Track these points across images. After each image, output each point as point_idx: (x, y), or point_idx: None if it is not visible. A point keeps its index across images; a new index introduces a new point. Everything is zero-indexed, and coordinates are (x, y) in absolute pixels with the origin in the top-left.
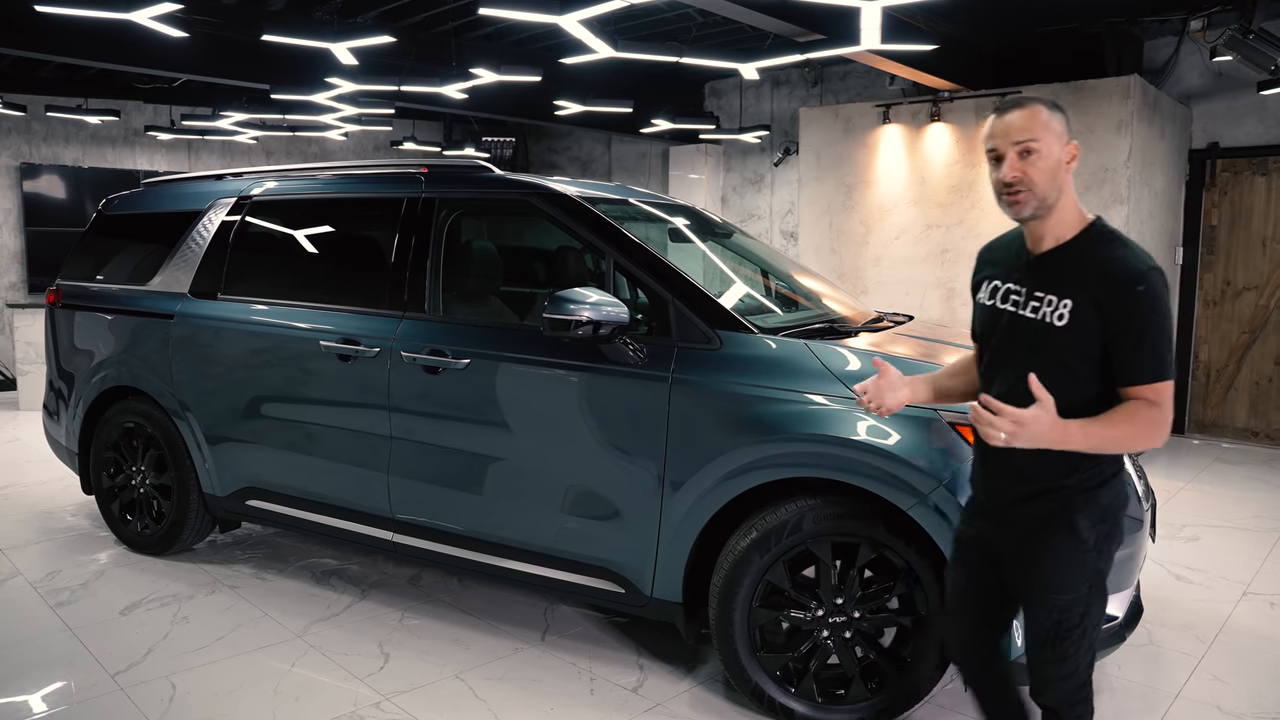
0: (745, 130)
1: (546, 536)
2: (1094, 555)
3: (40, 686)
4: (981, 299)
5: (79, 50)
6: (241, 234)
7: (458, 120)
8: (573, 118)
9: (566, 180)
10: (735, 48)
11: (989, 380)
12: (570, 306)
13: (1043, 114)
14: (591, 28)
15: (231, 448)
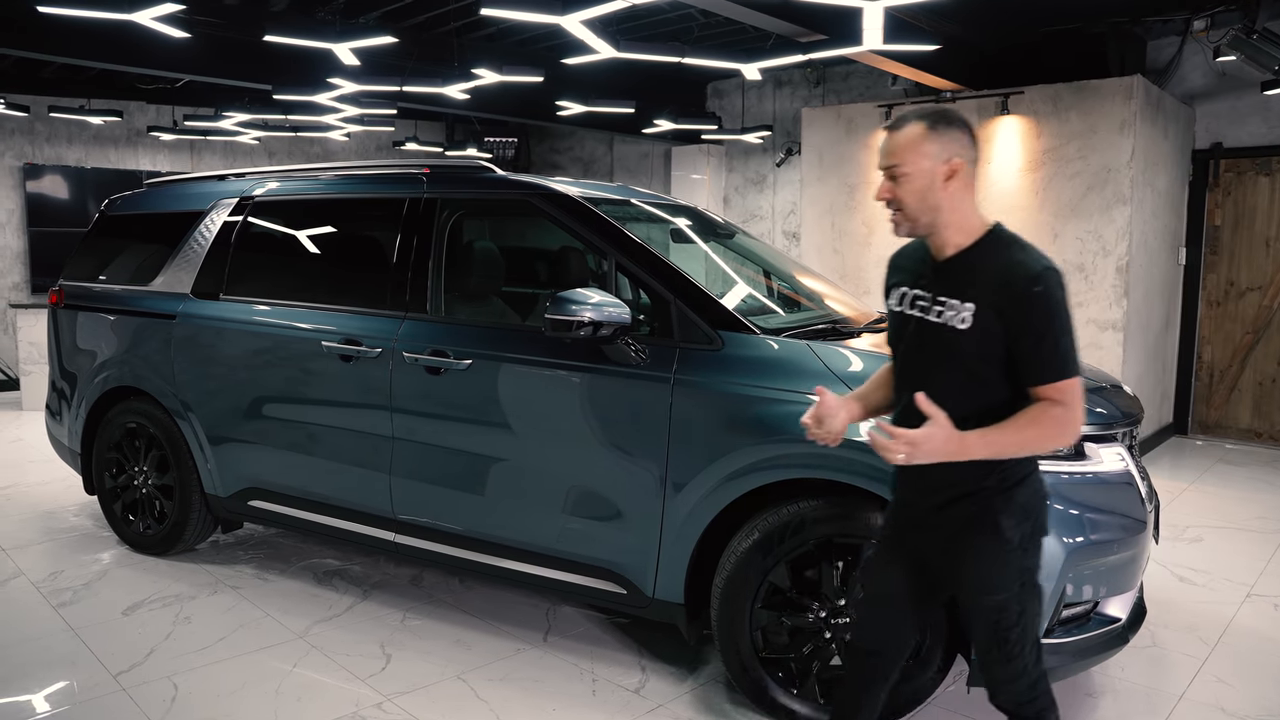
0: (747, 130)
1: (548, 537)
2: (1020, 554)
3: (43, 687)
4: (891, 305)
5: (81, 51)
6: (243, 234)
7: (460, 121)
8: (575, 118)
9: (568, 180)
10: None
11: (901, 386)
12: (572, 307)
13: (917, 137)
14: (593, 28)
15: (233, 448)
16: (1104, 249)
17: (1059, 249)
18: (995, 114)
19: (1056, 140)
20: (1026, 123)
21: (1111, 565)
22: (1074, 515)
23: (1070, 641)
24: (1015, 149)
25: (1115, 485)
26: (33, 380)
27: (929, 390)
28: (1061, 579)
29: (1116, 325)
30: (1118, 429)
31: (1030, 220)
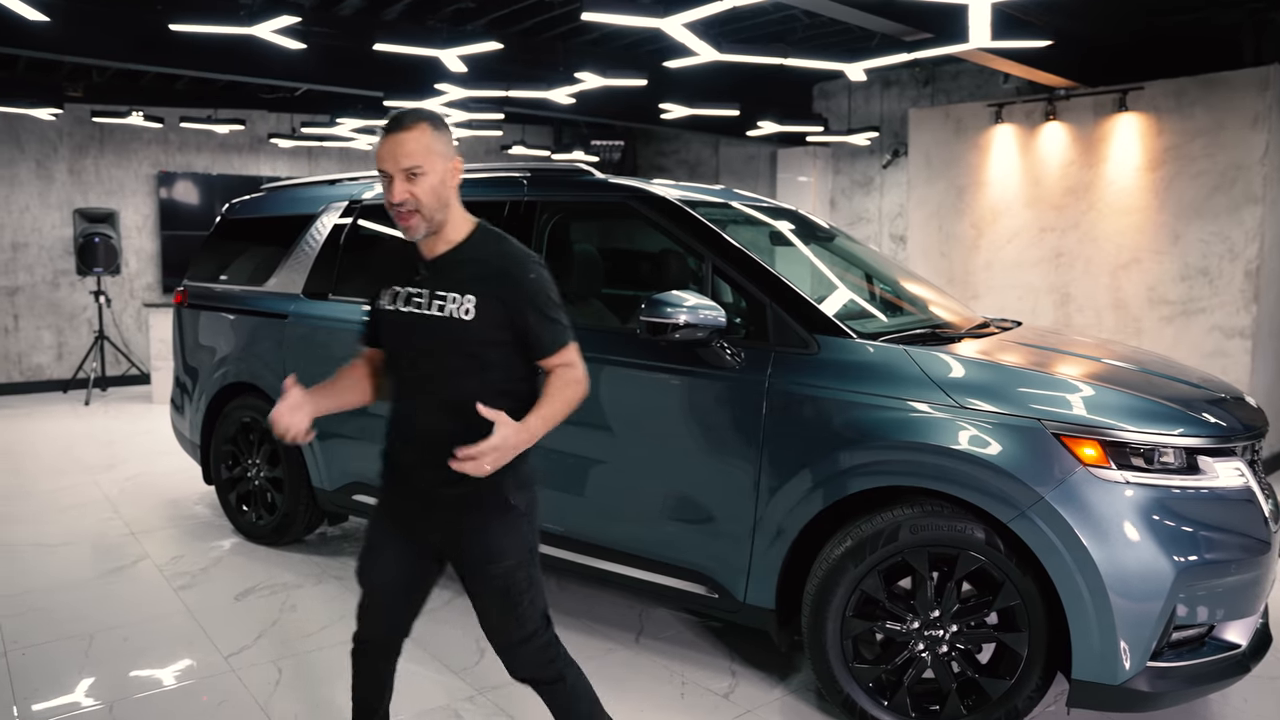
0: (854, 132)
1: (643, 539)
2: (525, 520)
3: (165, 664)
4: (383, 305)
5: (208, 64)
6: (352, 236)
7: (567, 124)
8: (679, 121)
9: (667, 183)
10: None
11: (408, 382)
12: (667, 310)
13: (428, 136)
14: (695, 31)
15: (339, 444)
16: (1231, 251)
17: (1180, 251)
18: (1112, 111)
19: (1179, 137)
20: (1146, 119)
21: (1229, 587)
22: (1185, 533)
23: (1181, 666)
24: (1133, 147)
25: (1233, 502)
26: (162, 375)
27: (442, 380)
28: (1170, 599)
29: (1244, 333)
30: (1237, 442)
31: (1149, 222)
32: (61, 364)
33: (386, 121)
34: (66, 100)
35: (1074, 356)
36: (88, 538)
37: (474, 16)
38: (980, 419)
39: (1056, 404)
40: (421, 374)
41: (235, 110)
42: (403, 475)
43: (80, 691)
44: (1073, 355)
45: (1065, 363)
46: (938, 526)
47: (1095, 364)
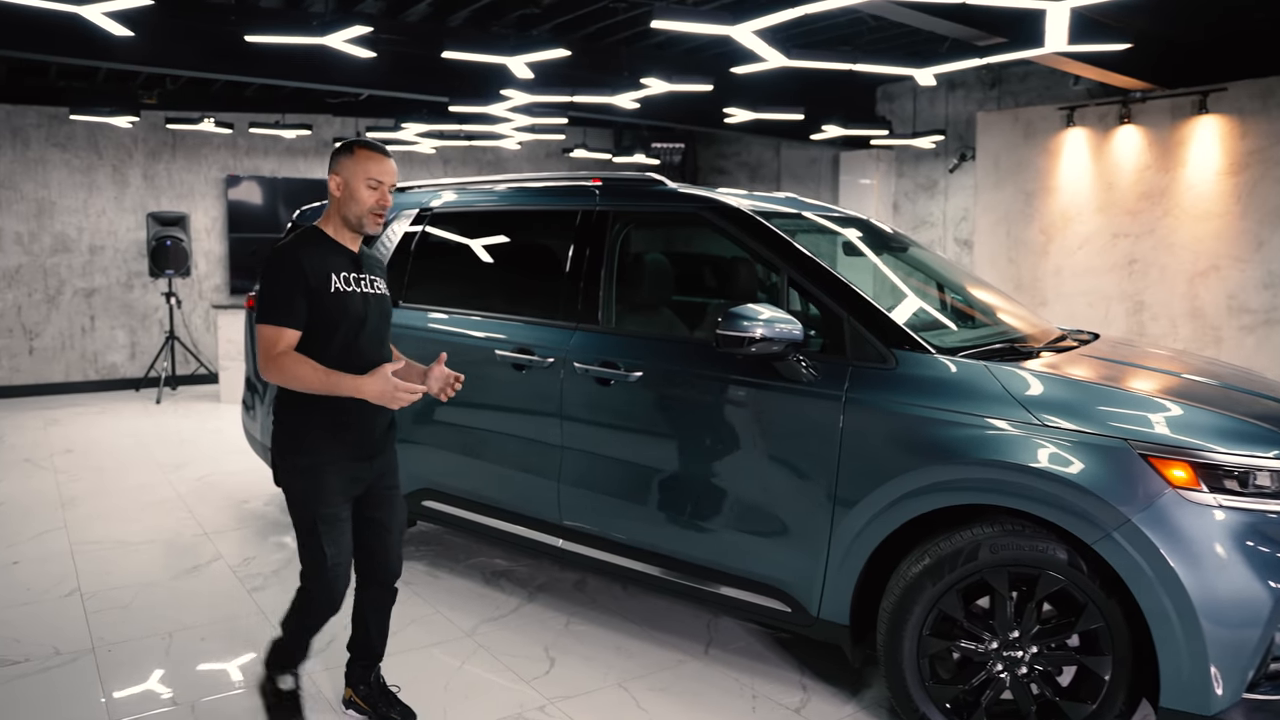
0: (919, 135)
1: (714, 551)
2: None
3: (243, 666)
4: (338, 287)
5: (279, 73)
6: (422, 244)
7: (627, 127)
8: (742, 125)
9: (738, 192)
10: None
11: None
12: (744, 323)
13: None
14: (764, 37)
15: (410, 450)
16: None
17: (1264, 258)
18: (1191, 114)
19: (1265, 140)
20: (1228, 122)
21: None
22: None
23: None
24: (1214, 151)
25: None
26: (230, 375)
27: (380, 342)
28: (1269, 627)
29: None
30: None
31: (1230, 228)
32: (134, 363)
33: (370, 142)
34: (142, 108)
35: (1157, 372)
36: (165, 537)
37: (538, 22)
38: (1064, 438)
39: (1144, 423)
40: (370, 340)
41: (302, 115)
42: (355, 435)
43: (163, 690)
44: (1155, 371)
45: (1149, 379)
46: (1018, 546)
47: (1179, 380)
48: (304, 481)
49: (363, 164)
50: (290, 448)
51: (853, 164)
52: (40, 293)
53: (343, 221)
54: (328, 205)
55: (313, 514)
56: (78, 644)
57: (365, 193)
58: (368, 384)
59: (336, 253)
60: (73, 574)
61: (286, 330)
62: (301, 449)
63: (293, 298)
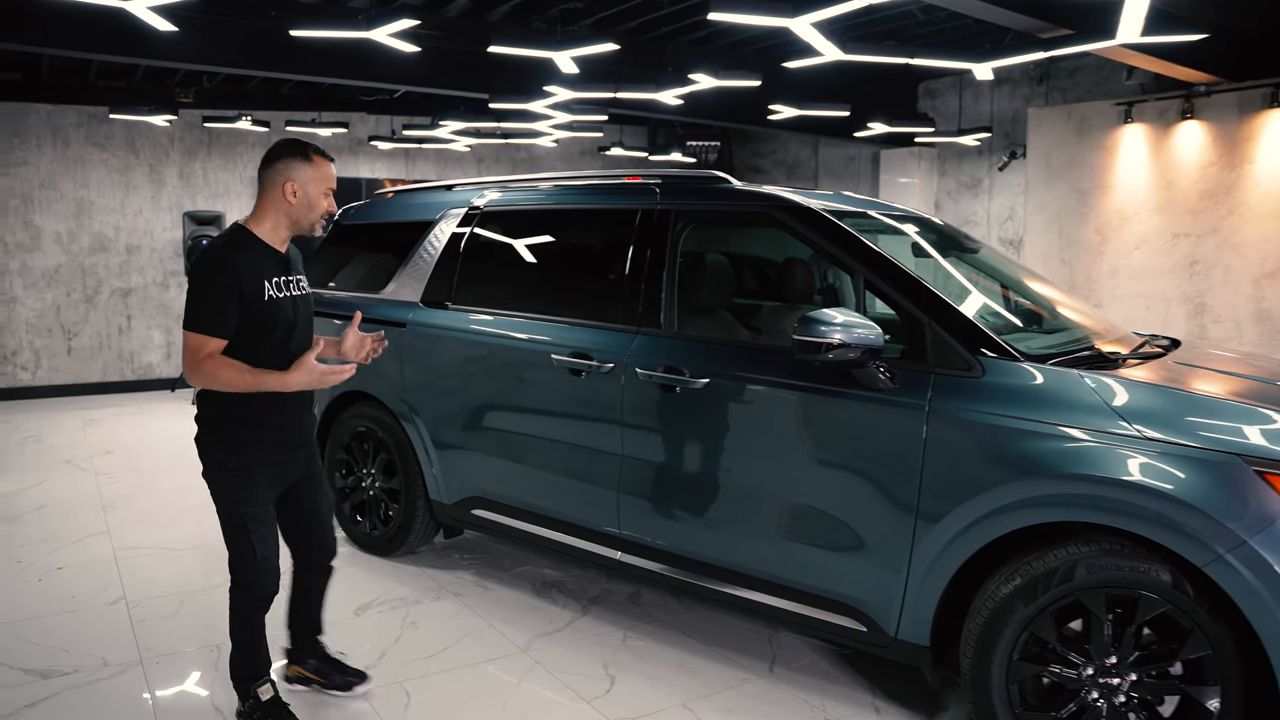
0: (964, 133)
1: (784, 566)
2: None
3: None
4: (271, 295)
5: (319, 68)
6: (472, 244)
7: (662, 124)
8: (784, 122)
9: (804, 190)
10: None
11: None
12: (821, 328)
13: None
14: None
15: (459, 456)
16: None
17: None
18: (1261, 107)
19: None
20: None
21: None
22: None
23: None
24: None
25: None
26: None
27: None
28: None
29: None
30: None
31: None
32: (169, 363)
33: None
34: (179, 106)
35: (1259, 382)
36: (205, 543)
37: (580, 17)
38: (1169, 452)
39: (1257, 437)
40: (300, 341)
41: (337, 113)
42: (281, 433)
43: (214, 706)
44: (1257, 380)
45: (1252, 388)
46: (1118, 566)
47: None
48: (234, 481)
49: (322, 172)
50: (218, 447)
51: (893, 162)
52: (78, 292)
53: (289, 224)
54: (259, 204)
55: (242, 513)
56: (125, 655)
57: (321, 201)
58: (293, 376)
59: (268, 256)
60: (116, 581)
61: (211, 340)
62: (230, 449)
63: (224, 306)
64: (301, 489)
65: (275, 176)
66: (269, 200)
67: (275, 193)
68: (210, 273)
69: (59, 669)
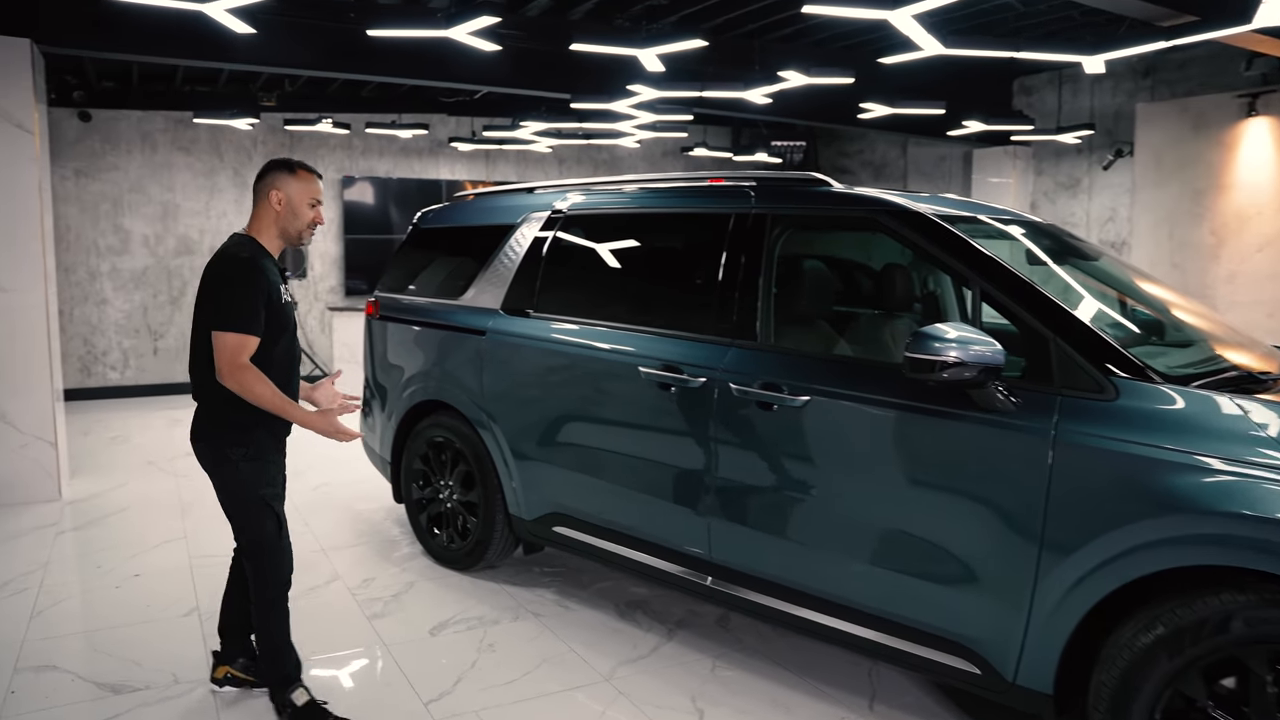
0: (1064, 130)
1: (888, 599)
2: None
3: (366, 706)
4: (285, 299)
5: (398, 70)
6: (554, 250)
7: (745, 124)
8: (875, 121)
9: (909, 194)
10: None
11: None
12: (935, 345)
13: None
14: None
15: (541, 470)
16: None
17: None
18: None
19: None
20: None
21: None
22: None
23: None
24: None
25: None
26: (345, 378)
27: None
28: None
29: None
30: None
31: None
32: None
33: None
34: (261, 110)
35: None
36: None
37: (664, 14)
38: None
39: None
40: (294, 345)
41: (417, 115)
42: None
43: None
44: None
45: None
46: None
47: None
48: (250, 467)
49: (305, 184)
50: (243, 440)
51: (987, 161)
52: (164, 294)
53: (279, 234)
54: (254, 217)
55: (262, 495)
56: (196, 671)
57: (306, 210)
58: (316, 421)
59: (274, 264)
60: (191, 591)
61: (250, 339)
62: (252, 441)
63: (258, 307)
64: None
65: (264, 188)
66: (260, 211)
67: (264, 203)
68: (244, 274)
69: (130, 684)
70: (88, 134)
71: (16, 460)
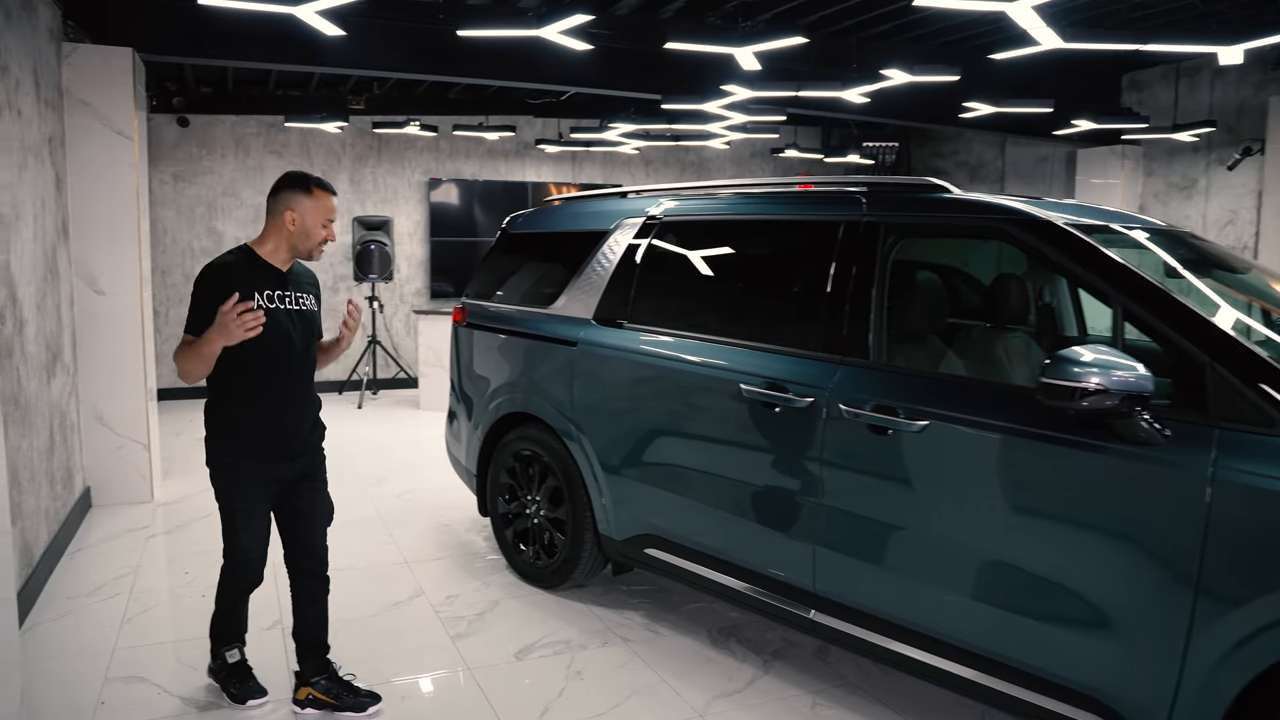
0: (1181, 128)
1: (1008, 642)
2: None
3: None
4: (261, 304)
5: (487, 71)
6: (650, 258)
7: (835, 124)
8: (978, 120)
9: (1034, 200)
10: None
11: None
12: (1075, 370)
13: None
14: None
15: (633, 490)
16: None
17: None
18: None
19: None
20: None
21: None
22: None
23: None
24: None
25: None
26: (429, 381)
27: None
28: None
29: None
30: None
31: None
32: (337, 365)
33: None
34: (350, 113)
35: None
36: (364, 563)
37: (757, 11)
38: None
39: None
40: (300, 353)
41: (504, 116)
42: (274, 441)
43: None
44: None
45: None
46: None
47: None
48: (227, 478)
49: (320, 203)
50: (217, 448)
51: (1092, 162)
52: None
53: (289, 249)
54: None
55: (233, 508)
56: (279, 691)
57: (318, 230)
58: (213, 331)
59: (265, 272)
60: (275, 603)
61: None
62: (225, 450)
63: (209, 311)
64: (299, 489)
65: (279, 205)
66: (272, 225)
67: (277, 219)
68: (201, 283)
69: (215, 701)
70: (185, 139)
71: (112, 462)
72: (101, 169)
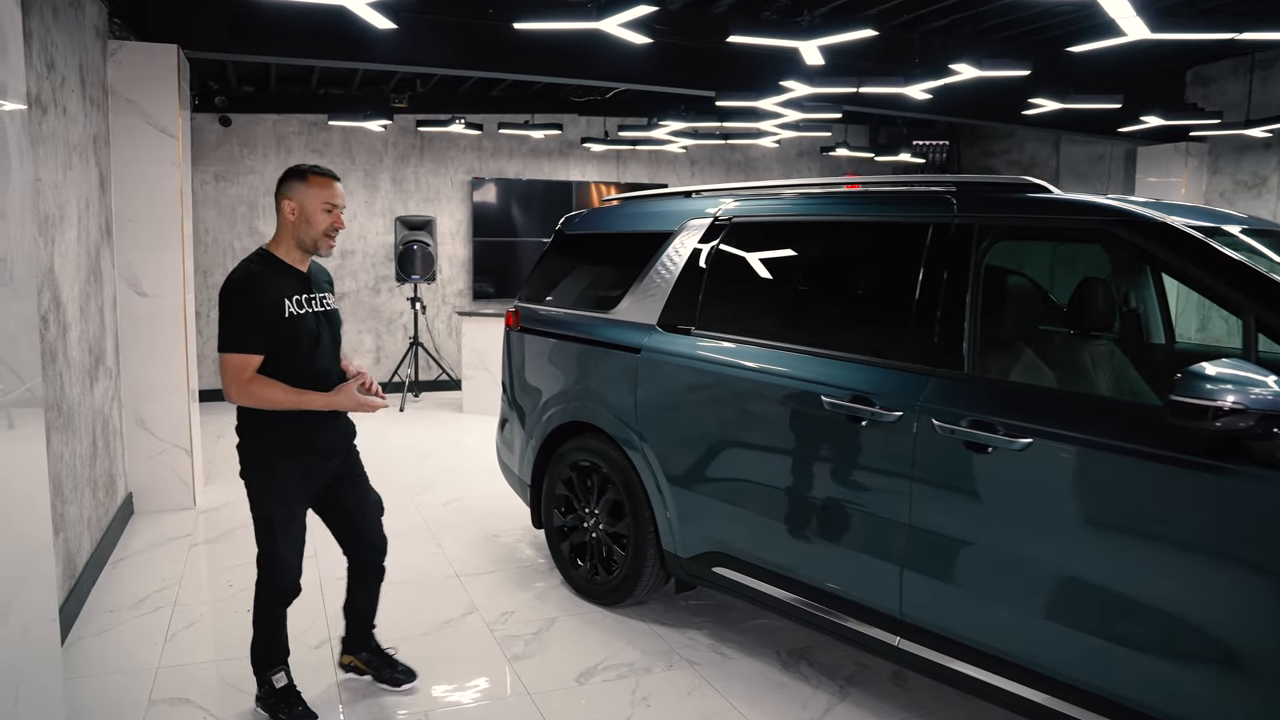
0: (1254, 123)
1: (1116, 677)
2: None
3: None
4: (292, 312)
5: (538, 67)
6: (719, 261)
7: (884, 122)
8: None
9: (1143, 201)
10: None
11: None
12: (1208, 388)
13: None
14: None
15: (700, 504)
16: None
17: None
18: None
19: None
20: None
21: None
22: None
23: None
24: None
25: None
26: (473, 384)
27: (334, 355)
28: None
29: None
30: None
31: None
32: (379, 367)
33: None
34: (394, 112)
35: None
36: (414, 577)
37: (816, 5)
38: None
39: None
40: (327, 355)
41: (549, 115)
42: (315, 443)
43: None
44: None
45: None
46: None
47: None
48: (264, 483)
49: (318, 189)
50: (253, 453)
51: (1153, 160)
52: None
53: (296, 244)
54: (277, 229)
55: (270, 514)
56: (328, 715)
57: (321, 216)
58: (336, 399)
59: (287, 275)
60: (323, 619)
61: (251, 357)
62: (264, 451)
63: (255, 325)
64: (342, 489)
65: (279, 199)
66: (278, 222)
67: (280, 214)
68: (236, 296)
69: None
70: (227, 138)
71: (154, 467)
72: (145, 168)
